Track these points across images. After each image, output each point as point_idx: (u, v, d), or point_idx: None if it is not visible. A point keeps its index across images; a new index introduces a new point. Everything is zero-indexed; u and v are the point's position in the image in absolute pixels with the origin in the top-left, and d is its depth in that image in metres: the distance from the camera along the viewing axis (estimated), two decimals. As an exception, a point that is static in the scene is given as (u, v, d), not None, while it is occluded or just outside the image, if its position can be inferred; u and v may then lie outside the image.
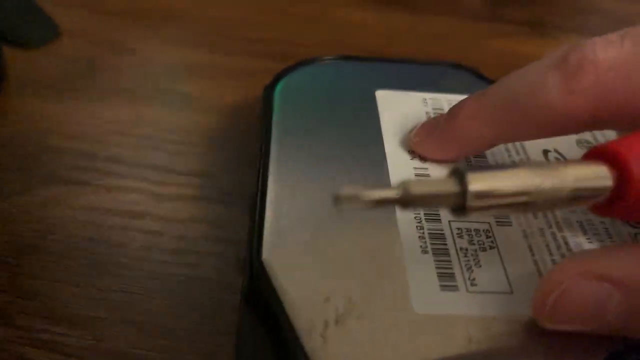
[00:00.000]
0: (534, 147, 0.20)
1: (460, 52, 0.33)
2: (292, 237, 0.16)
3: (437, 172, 0.19)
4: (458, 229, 0.17)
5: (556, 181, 0.13)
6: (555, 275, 0.14)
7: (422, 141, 0.19)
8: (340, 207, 0.12)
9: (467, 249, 0.16)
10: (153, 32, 0.32)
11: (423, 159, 0.19)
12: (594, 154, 0.14)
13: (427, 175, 0.18)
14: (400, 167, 0.19)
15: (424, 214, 0.17)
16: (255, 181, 0.18)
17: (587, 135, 0.21)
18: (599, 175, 0.13)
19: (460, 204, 0.13)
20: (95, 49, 0.30)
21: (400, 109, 0.21)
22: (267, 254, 0.16)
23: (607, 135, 0.21)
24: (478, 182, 0.12)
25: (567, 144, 0.20)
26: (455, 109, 0.18)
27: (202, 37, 0.32)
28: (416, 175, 0.18)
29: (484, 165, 0.19)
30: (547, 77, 0.15)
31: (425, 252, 0.16)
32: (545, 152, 0.20)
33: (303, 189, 0.18)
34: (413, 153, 0.19)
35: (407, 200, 0.12)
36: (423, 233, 0.16)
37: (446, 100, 0.22)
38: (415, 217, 0.17)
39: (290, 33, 0.33)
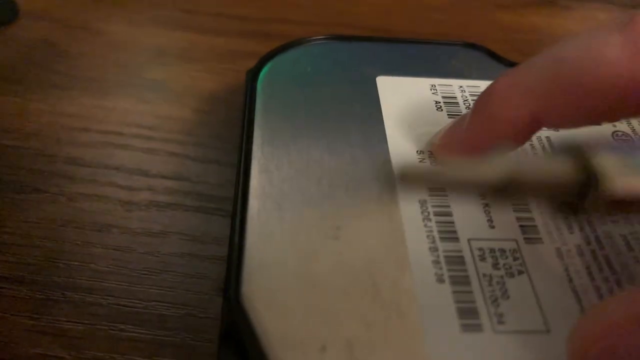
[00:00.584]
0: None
1: (463, 27, 0.30)
2: (279, 266, 0.13)
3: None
4: (479, 249, 0.14)
5: None
6: (597, 321, 0.11)
7: (447, 143, 0.16)
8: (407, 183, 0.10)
9: (491, 276, 0.13)
10: (122, 11, 0.28)
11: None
12: None
13: (440, 182, 0.15)
14: (407, 171, 0.16)
15: (438, 231, 0.14)
16: (234, 191, 0.15)
17: (623, 127, 0.18)
18: None
19: (579, 198, 0.09)
20: (58, 32, 0.27)
21: (405, 98, 0.18)
22: (247, 287, 0.13)
23: (647, 126, 0.18)
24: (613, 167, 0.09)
25: (600, 137, 0.17)
26: (484, 94, 0.14)
27: (176, 15, 0.29)
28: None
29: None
30: (609, 40, 0.12)
31: (441, 280, 0.13)
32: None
33: (292, 203, 0.15)
34: (431, 157, 0.16)
35: (513, 186, 0.09)
36: (438, 256, 0.14)
37: (458, 86, 0.19)
38: (427, 236, 0.14)
39: (276, 9, 0.30)
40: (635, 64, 0.12)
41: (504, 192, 0.09)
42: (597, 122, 0.13)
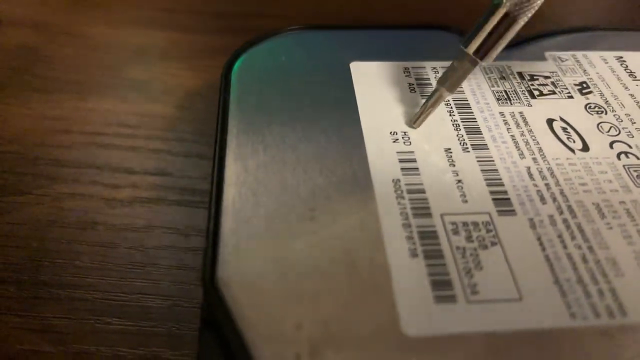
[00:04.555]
0: (537, 117, 0.17)
1: (442, 13, 0.30)
2: (255, 249, 0.13)
3: (423, 155, 0.16)
4: (452, 223, 0.14)
5: None
6: None
7: None
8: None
9: (464, 249, 0.13)
10: (102, 13, 0.29)
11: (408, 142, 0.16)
12: None
13: (414, 161, 0.16)
14: (381, 152, 0.16)
15: (411, 208, 0.14)
16: (210, 181, 0.16)
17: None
18: None
19: (474, 60, 0.16)
20: (39, 37, 0.27)
21: (378, 82, 0.18)
22: (223, 271, 0.13)
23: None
24: (474, 44, 0.16)
25: (575, 111, 0.18)
26: None
27: (155, 15, 0.29)
28: (400, 160, 0.16)
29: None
30: None
31: (414, 255, 0.13)
32: (550, 122, 0.17)
33: (267, 188, 0.15)
34: (404, 137, 0.16)
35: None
36: (411, 232, 0.14)
37: (431, 68, 0.19)
38: (401, 213, 0.14)
39: (254, 4, 0.30)
40: None
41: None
42: None
